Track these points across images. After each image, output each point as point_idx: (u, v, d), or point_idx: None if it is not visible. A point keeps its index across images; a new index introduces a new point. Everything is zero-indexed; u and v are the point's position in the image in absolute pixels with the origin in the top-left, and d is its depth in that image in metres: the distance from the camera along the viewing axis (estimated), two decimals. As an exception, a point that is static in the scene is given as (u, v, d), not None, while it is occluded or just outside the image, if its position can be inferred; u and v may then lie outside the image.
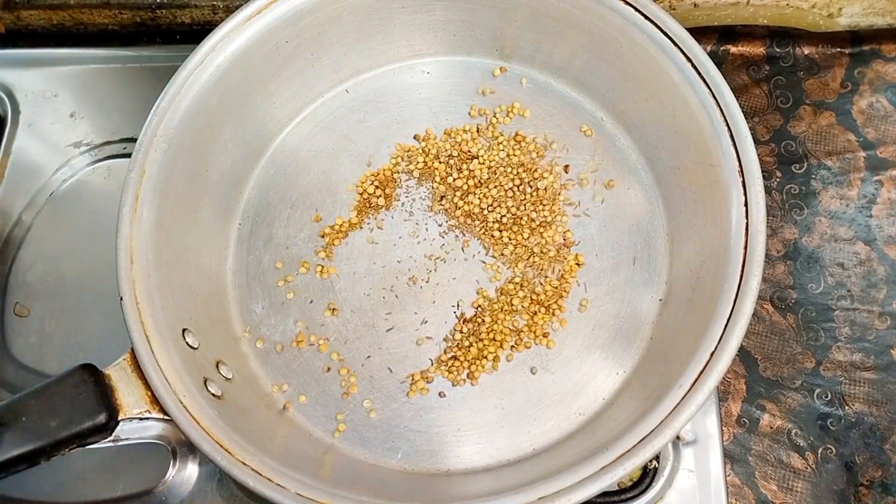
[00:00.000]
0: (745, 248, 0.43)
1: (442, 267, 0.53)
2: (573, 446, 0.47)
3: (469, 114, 0.58)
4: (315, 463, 0.46)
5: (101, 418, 0.38)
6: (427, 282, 0.53)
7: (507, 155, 0.56)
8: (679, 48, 0.46)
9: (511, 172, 0.55)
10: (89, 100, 0.65)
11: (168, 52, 0.65)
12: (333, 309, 0.53)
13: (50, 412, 0.37)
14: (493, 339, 0.51)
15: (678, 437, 0.49)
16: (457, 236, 0.54)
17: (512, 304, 0.52)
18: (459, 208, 0.55)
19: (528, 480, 0.41)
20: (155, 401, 0.41)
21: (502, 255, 0.53)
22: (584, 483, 0.39)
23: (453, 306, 0.52)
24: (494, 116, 0.57)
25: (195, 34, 0.65)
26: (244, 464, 0.40)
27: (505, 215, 0.54)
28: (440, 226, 0.55)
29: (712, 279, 0.44)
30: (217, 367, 0.47)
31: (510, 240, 0.54)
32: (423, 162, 0.56)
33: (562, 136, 0.56)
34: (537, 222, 0.54)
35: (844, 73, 0.60)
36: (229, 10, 0.49)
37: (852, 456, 0.51)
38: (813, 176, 0.58)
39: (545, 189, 0.55)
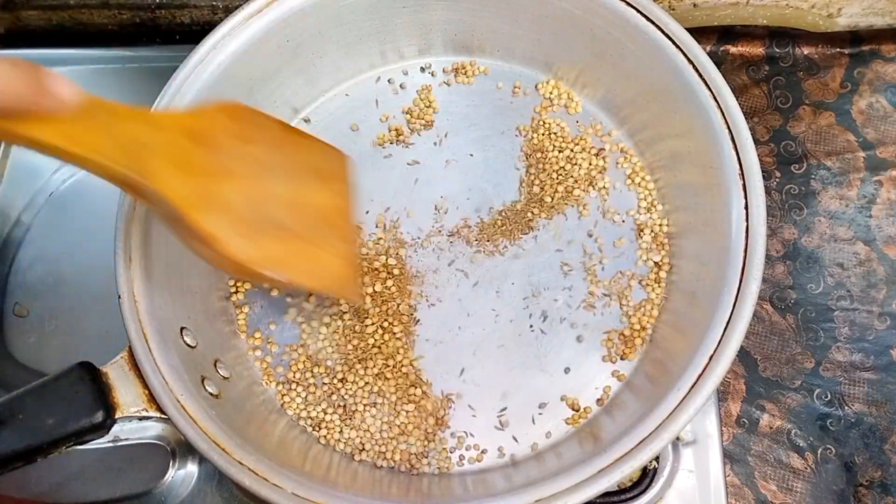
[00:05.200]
0: (745, 250, 0.42)
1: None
2: (571, 448, 0.47)
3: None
4: (312, 462, 0.46)
5: (98, 416, 0.38)
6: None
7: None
8: (681, 50, 0.46)
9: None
10: (89, 100, 0.65)
11: (168, 52, 0.65)
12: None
13: (47, 410, 0.37)
14: None
15: (678, 438, 0.49)
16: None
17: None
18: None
19: (526, 482, 0.41)
20: (152, 399, 0.41)
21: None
22: (581, 486, 0.39)
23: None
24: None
25: (195, 34, 0.65)
26: (241, 463, 0.40)
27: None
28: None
29: (712, 282, 0.44)
30: (215, 365, 0.47)
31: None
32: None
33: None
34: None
35: (844, 73, 0.60)
36: (229, 10, 0.49)
37: (852, 456, 0.51)
38: (812, 176, 0.58)
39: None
